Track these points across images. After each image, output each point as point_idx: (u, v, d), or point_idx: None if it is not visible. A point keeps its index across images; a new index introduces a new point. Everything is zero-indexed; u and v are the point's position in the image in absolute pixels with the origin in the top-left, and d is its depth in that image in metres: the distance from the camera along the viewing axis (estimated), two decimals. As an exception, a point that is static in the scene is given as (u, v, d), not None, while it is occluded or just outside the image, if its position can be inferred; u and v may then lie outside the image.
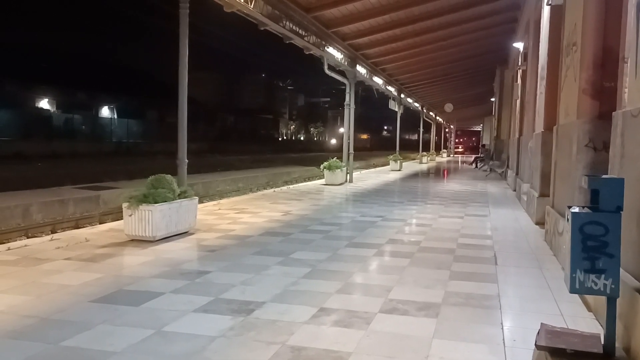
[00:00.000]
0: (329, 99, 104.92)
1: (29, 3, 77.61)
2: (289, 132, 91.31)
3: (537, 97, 9.37)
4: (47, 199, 11.84)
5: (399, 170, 24.52)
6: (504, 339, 3.49)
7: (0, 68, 36.46)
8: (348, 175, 16.80)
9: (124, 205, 6.56)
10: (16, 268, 5.12)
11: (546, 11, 8.57)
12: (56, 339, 3.35)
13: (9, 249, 5.96)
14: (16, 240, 7.78)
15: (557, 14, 7.49)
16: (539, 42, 9.78)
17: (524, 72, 13.08)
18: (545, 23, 8.79)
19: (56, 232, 8.82)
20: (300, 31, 11.65)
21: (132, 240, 6.53)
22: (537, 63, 9.82)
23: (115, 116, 47.07)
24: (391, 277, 5.05)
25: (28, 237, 9.22)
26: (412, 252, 6.23)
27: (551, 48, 8.05)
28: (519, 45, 14.08)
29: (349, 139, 16.94)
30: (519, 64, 13.99)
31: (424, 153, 35.20)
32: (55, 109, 42.40)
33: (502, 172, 20.19)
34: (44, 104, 42.78)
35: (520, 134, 13.62)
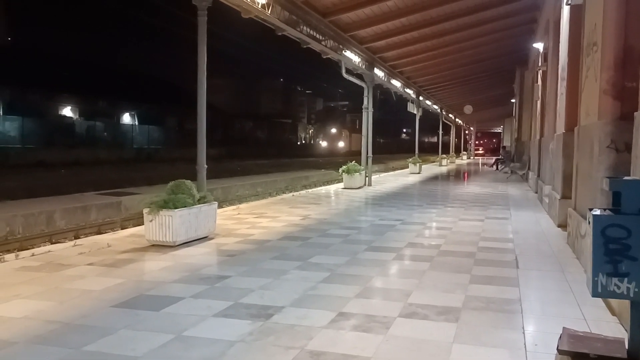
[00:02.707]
0: (347, 103, 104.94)
1: (52, 11, 79.37)
2: (307, 136, 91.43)
3: (558, 98, 9.25)
4: (70, 205, 12.03)
5: (419, 173, 24.37)
6: (525, 344, 3.44)
7: (23, 77, 37.15)
8: (367, 178, 16.75)
9: (145, 210, 6.63)
10: (40, 274, 5.22)
11: (566, 11, 8.46)
12: (79, 344, 3.40)
13: (33, 254, 6.08)
14: (40, 246, 7.93)
15: (577, 13, 7.39)
16: (558, 42, 9.66)
17: (544, 73, 12.91)
18: (565, 23, 8.68)
19: (79, 238, 8.97)
20: (317, 36, 11.69)
21: (153, 245, 6.61)
22: (557, 64, 9.69)
23: (136, 123, 47.64)
24: (410, 281, 5.03)
25: (52, 243, 9.40)
26: (432, 256, 6.19)
27: (571, 48, 7.94)
28: (538, 45, 13.92)
29: (367, 142, 16.92)
30: (539, 64, 13.81)
31: (444, 155, 34.98)
32: (77, 117, 43.05)
33: (523, 174, 19.93)
34: (67, 111, 43.46)
35: (541, 135, 13.44)
